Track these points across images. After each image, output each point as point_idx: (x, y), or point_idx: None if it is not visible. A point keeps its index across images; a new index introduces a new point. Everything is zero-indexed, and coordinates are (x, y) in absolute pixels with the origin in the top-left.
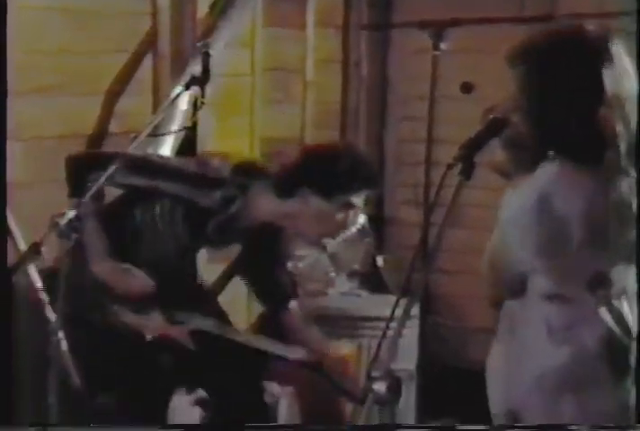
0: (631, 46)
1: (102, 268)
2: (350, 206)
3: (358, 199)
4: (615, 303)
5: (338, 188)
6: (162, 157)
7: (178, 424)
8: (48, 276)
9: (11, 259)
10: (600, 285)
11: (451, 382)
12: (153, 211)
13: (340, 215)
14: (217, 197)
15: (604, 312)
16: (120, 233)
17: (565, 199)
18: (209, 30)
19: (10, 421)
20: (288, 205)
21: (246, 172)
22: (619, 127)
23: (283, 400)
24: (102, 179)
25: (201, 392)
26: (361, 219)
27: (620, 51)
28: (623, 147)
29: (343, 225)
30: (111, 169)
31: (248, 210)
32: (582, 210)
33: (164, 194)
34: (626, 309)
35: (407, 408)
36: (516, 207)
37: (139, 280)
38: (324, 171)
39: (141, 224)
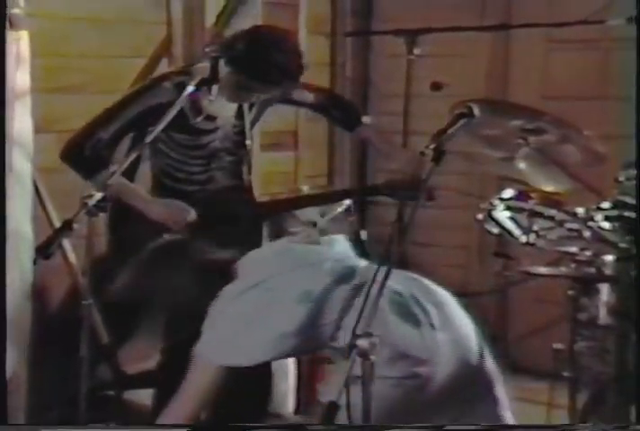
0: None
1: (147, 205)
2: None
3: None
4: None
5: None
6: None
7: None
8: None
9: (46, 235)
10: None
11: None
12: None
13: None
14: None
15: None
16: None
17: None
18: (217, 37)
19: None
20: None
21: None
22: None
23: None
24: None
25: None
26: (347, 200)
27: None
28: None
29: None
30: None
31: None
32: None
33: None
34: None
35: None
36: None
37: (181, 210)
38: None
39: None
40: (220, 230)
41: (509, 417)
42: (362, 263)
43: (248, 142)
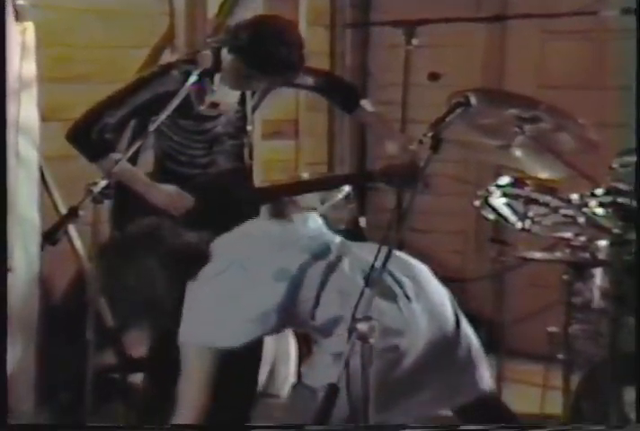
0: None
1: (148, 190)
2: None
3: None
4: None
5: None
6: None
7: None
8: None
9: (52, 222)
10: None
11: None
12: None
13: None
14: None
15: None
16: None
17: None
18: (218, 28)
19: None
20: None
21: None
22: None
23: None
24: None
25: None
26: (347, 187)
27: None
28: None
29: None
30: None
31: None
32: None
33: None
34: None
35: None
36: None
37: (182, 197)
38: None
39: None
40: (218, 213)
41: (491, 388)
42: (337, 239)
43: (249, 127)
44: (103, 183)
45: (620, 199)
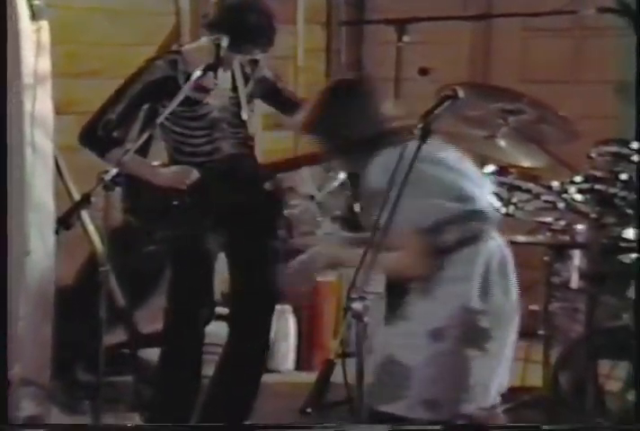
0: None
1: (153, 173)
2: (254, 61)
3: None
4: None
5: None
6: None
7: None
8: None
9: (67, 208)
10: None
11: None
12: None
13: None
14: None
15: None
16: None
17: None
18: None
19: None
20: None
21: None
22: None
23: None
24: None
25: None
26: (342, 175)
27: None
28: None
29: None
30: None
31: None
32: None
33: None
34: None
35: (378, 321)
36: None
37: (184, 171)
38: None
39: None
40: (224, 192)
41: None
42: None
43: (244, 115)
44: (114, 172)
45: (598, 186)
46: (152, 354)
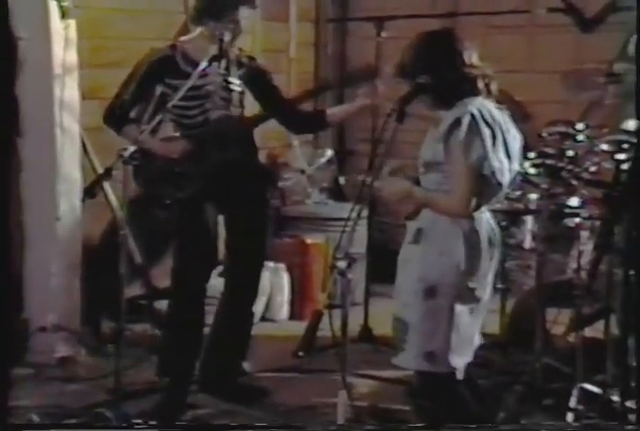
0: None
1: (152, 144)
2: (236, 21)
3: (243, 15)
4: None
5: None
6: None
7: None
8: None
9: (91, 179)
10: None
11: (389, 260)
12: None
13: None
14: None
15: None
16: None
17: None
18: None
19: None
20: None
21: None
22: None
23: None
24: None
25: None
26: (329, 152)
27: None
28: None
29: None
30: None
31: None
32: None
33: None
34: None
35: (360, 277)
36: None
37: (175, 141)
38: None
39: None
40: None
41: None
42: None
43: (234, 85)
44: (132, 149)
45: (548, 161)
46: (165, 305)
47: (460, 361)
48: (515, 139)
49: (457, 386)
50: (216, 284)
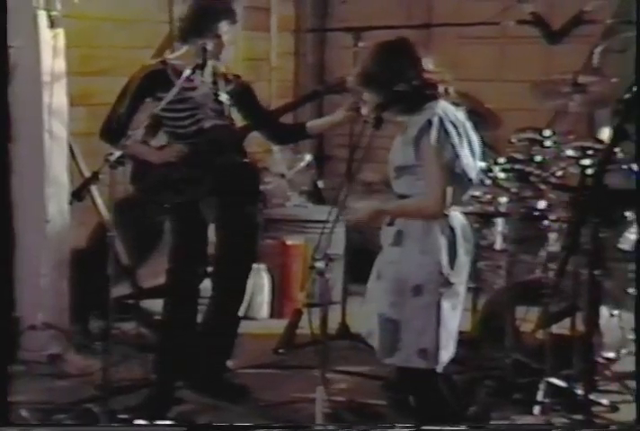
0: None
1: (149, 153)
2: (218, 36)
3: (224, 30)
4: None
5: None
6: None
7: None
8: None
9: (79, 183)
10: None
11: (366, 260)
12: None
13: None
14: None
15: None
16: None
17: None
18: None
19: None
20: None
21: None
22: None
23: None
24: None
25: None
26: (308, 157)
27: None
28: None
29: None
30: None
31: None
32: None
33: None
34: None
35: (338, 277)
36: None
37: (173, 147)
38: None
39: None
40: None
41: None
42: None
43: (223, 97)
44: (118, 153)
45: (517, 166)
46: (151, 304)
47: (446, 356)
48: (475, 137)
49: (437, 381)
50: (207, 285)
